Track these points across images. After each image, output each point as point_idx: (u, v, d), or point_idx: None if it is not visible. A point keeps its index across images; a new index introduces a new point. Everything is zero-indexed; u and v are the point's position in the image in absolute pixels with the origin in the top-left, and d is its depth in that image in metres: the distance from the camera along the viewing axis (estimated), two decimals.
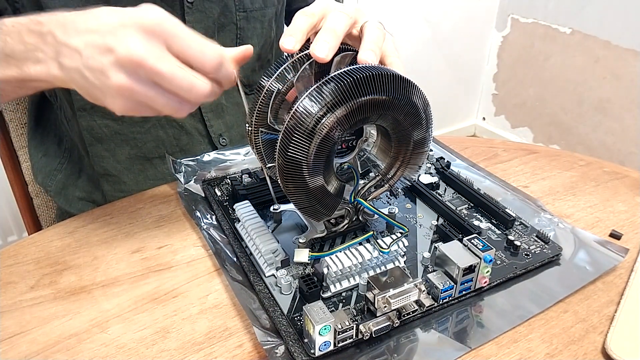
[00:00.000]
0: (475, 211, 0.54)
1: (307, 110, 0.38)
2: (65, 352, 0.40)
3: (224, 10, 0.68)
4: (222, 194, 0.57)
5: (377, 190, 0.48)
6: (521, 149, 0.70)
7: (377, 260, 0.44)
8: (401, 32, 1.90)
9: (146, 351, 0.40)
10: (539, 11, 1.95)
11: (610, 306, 0.44)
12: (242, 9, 0.69)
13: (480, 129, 2.37)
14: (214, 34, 0.68)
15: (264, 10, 0.72)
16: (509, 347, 0.41)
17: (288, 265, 0.46)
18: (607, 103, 1.83)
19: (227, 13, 0.68)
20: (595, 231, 0.53)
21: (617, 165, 0.66)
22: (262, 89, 0.45)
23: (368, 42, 0.44)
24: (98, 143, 0.67)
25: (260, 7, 0.71)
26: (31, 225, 0.82)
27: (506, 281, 0.46)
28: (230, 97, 0.74)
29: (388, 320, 0.40)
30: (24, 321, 0.42)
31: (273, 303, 0.42)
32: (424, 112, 0.43)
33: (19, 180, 0.80)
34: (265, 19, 0.73)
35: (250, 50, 0.46)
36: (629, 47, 1.71)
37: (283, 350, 0.38)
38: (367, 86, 0.39)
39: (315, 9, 0.45)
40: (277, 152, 0.40)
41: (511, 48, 2.12)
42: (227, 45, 0.68)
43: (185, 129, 0.69)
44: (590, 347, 0.41)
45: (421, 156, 0.46)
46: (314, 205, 0.43)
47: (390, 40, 0.50)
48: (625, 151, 1.81)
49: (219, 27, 0.68)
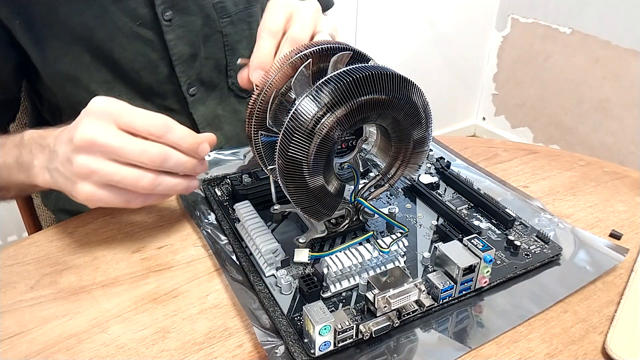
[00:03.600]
0: (475, 211, 0.54)
1: (307, 110, 0.38)
2: (65, 352, 0.40)
3: (207, 21, 0.66)
4: (222, 194, 0.57)
5: (377, 190, 0.48)
6: (521, 149, 0.70)
7: (377, 260, 0.44)
8: (401, 32, 1.90)
9: (146, 351, 0.40)
10: (539, 11, 1.95)
11: (610, 306, 0.44)
12: (226, 14, 0.67)
13: (480, 129, 2.37)
14: (200, 48, 0.67)
15: (249, 9, 0.70)
16: (509, 347, 0.41)
17: (288, 265, 0.46)
18: (607, 103, 1.83)
19: (210, 23, 0.66)
20: (595, 231, 0.53)
21: (617, 165, 0.66)
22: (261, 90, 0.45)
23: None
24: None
25: (244, 7, 0.69)
26: (31, 225, 0.83)
27: (506, 281, 0.46)
28: (227, 105, 0.73)
29: (388, 320, 0.40)
30: (24, 321, 0.42)
31: (273, 303, 0.42)
32: (423, 111, 0.43)
33: None
34: (253, 19, 0.71)
35: (211, 139, 0.48)
36: (629, 47, 1.71)
37: (283, 350, 0.38)
38: (367, 86, 0.39)
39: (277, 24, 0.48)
40: (277, 152, 0.40)
41: (511, 48, 2.12)
42: (217, 55, 0.69)
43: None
44: (590, 347, 0.41)
45: (421, 155, 0.46)
46: (315, 205, 0.43)
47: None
48: (625, 151, 1.81)
49: (204, 39, 0.67)
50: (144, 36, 0.62)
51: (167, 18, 0.62)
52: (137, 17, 0.61)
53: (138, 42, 0.62)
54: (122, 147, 0.43)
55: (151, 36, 0.62)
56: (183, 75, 0.66)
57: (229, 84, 0.72)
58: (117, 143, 0.43)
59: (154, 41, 0.63)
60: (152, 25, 0.62)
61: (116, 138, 0.43)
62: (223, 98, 0.72)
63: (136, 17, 0.61)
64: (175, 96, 0.68)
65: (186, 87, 0.67)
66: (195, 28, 0.65)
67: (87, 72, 0.61)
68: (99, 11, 0.58)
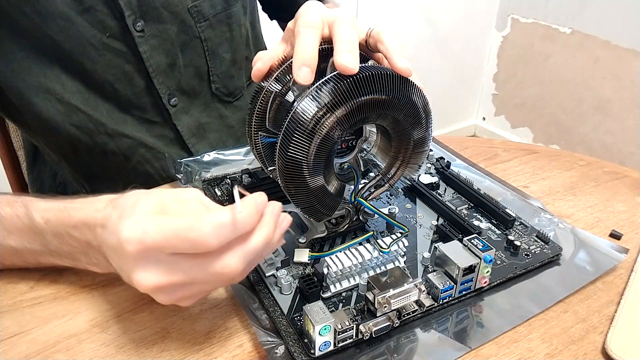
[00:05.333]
0: (475, 211, 0.54)
1: (307, 110, 0.38)
2: (65, 352, 0.40)
3: (182, 27, 0.62)
4: (222, 194, 0.57)
5: (377, 190, 0.48)
6: (521, 149, 0.70)
7: (377, 260, 0.44)
8: (401, 32, 1.90)
9: (146, 351, 0.40)
10: (539, 11, 1.95)
11: (610, 306, 0.44)
12: (203, 18, 0.63)
13: (480, 129, 2.37)
14: (177, 56, 0.63)
15: (228, 10, 0.66)
16: (509, 347, 0.41)
17: (288, 265, 0.46)
18: (607, 103, 1.83)
19: (186, 29, 0.62)
20: (595, 231, 0.53)
21: (617, 165, 0.66)
22: (261, 91, 0.45)
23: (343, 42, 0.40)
24: (95, 178, 0.66)
25: (222, 8, 0.65)
26: None
27: (506, 281, 0.46)
28: (212, 111, 0.70)
29: (388, 320, 0.40)
30: (24, 321, 0.42)
31: (273, 303, 0.42)
32: (423, 111, 0.43)
33: (19, 180, 0.80)
34: (233, 20, 0.67)
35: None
36: (629, 47, 1.71)
37: (283, 350, 0.38)
38: (367, 86, 0.39)
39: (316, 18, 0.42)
40: (277, 152, 0.40)
41: (511, 48, 2.12)
42: (197, 62, 0.65)
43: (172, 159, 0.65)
44: (590, 347, 0.41)
45: (421, 155, 0.46)
46: (315, 205, 0.43)
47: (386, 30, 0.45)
48: (625, 151, 1.81)
49: (181, 47, 0.63)
50: (115, 48, 0.58)
51: (139, 29, 0.58)
52: (106, 29, 0.57)
53: (109, 53, 0.58)
54: (191, 278, 0.35)
55: (123, 48, 0.59)
56: (162, 86, 0.63)
57: (213, 89, 0.69)
58: (184, 277, 0.35)
59: (126, 53, 0.59)
60: (123, 36, 0.58)
61: (178, 274, 0.35)
62: (207, 105, 0.69)
63: (105, 28, 0.57)
64: (156, 108, 0.64)
65: (167, 98, 0.64)
66: (171, 36, 0.61)
67: (59, 83, 0.57)
68: (64, 23, 0.54)
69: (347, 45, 0.39)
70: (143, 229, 0.34)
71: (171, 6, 0.60)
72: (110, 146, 0.63)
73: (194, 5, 0.62)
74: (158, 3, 0.59)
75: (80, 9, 0.55)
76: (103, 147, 0.62)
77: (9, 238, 0.43)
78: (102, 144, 0.62)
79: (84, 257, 0.42)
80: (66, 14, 0.54)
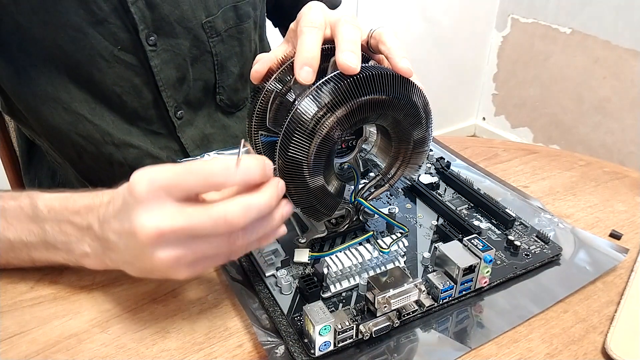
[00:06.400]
0: (475, 211, 0.54)
1: (307, 110, 0.38)
2: (65, 352, 0.40)
3: (195, 42, 0.62)
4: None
5: (377, 190, 0.48)
6: (521, 149, 0.70)
7: (377, 260, 0.44)
8: (401, 32, 1.90)
9: (146, 351, 0.40)
10: (539, 11, 1.95)
11: (610, 306, 0.44)
12: (215, 33, 0.63)
13: (480, 129, 2.37)
14: (188, 70, 0.63)
15: (240, 26, 0.66)
16: (509, 347, 0.41)
17: (288, 265, 0.46)
18: (607, 103, 1.83)
19: (198, 44, 0.62)
20: (595, 231, 0.53)
21: (617, 165, 0.66)
22: (261, 91, 0.45)
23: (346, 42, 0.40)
24: (99, 182, 0.65)
25: (235, 23, 0.65)
26: None
27: (506, 281, 0.46)
28: (216, 122, 0.70)
29: (388, 320, 0.40)
30: (24, 321, 0.42)
31: (273, 303, 0.42)
32: (423, 111, 0.43)
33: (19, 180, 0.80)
34: (244, 35, 0.67)
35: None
36: (629, 47, 1.71)
37: (283, 350, 0.38)
38: (367, 86, 0.39)
39: (319, 18, 0.42)
40: (277, 152, 0.40)
41: (511, 48, 2.12)
42: (206, 76, 0.66)
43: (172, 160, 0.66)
44: (590, 347, 0.41)
45: (421, 156, 0.46)
46: (315, 206, 0.43)
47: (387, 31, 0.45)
48: (625, 151, 1.81)
49: (192, 61, 0.63)
50: (125, 60, 0.58)
51: (152, 43, 0.58)
52: (118, 42, 0.57)
53: (119, 66, 0.58)
54: (193, 225, 0.35)
55: (134, 61, 0.59)
56: (170, 99, 0.63)
57: (217, 100, 0.69)
58: (186, 222, 0.35)
59: (137, 66, 0.59)
60: (135, 49, 0.58)
61: (181, 217, 0.35)
62: (211, 116, 0.69)
63: (116, 41, 0.57)
64: (162, 120, 0.64)
65: (173, 111, 0.64)
66: (183, 51, 0.61)
67: (67, 92, 0.58)
68: (76, 34, 0.55)
69: (349, 45, 0.40)
70: (152, 171, 0.36)
71: (185, 21, 0.60)
72: (116, 156, 0.63)
73: (207, 20, 0.62)
74: (172, 18, 0.59)
75: (93, 21, 0.55)
76: (109, 158, 0.63)
77: (8, 230, 0.43)
78: (108, 154, 0.63)
79: (79, 245, 0.42)
80: (78, 25, 0.54)
